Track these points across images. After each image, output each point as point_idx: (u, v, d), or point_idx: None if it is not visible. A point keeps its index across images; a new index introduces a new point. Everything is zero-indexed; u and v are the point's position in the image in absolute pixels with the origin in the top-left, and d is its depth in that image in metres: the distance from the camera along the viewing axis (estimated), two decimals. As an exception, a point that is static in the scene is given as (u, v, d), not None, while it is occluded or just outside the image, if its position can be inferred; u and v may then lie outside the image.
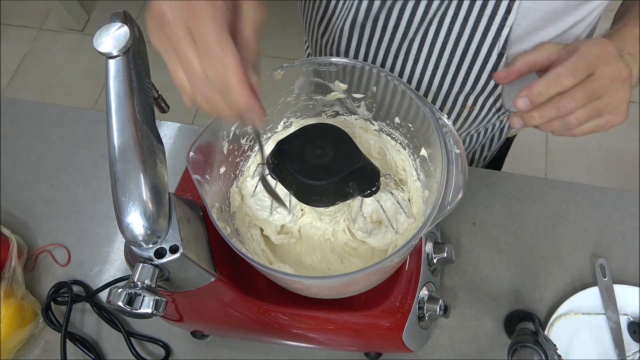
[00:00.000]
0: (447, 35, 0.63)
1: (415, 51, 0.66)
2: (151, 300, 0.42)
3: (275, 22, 2.21)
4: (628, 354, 0.67)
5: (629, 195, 0.78)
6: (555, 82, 0.51)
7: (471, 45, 0.63)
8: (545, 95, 0.52)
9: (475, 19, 0.60)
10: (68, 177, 0.84)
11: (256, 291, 0.58)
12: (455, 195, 0.46)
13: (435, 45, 0.64)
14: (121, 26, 0.46)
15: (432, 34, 0.63)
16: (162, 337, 0.71)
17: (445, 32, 0.63)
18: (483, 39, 0.62)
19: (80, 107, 0.93)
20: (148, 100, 0.48)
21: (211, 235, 0.53)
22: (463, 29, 0.62)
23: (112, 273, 0.76)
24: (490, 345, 0.69)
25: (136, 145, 0.44)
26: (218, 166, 0.55)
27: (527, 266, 0.73)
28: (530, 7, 0.58)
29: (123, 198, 0.43)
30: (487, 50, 0.63)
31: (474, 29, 0.61)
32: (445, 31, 0.62)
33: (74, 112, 0.90)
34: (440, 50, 0.65)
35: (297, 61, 0.54)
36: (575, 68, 0.51)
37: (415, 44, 0.65)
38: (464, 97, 0.70)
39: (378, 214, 0.56)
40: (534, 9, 0.58)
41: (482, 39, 0.62)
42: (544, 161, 1.79)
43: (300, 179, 0.46)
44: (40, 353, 0.72)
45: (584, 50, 0.53)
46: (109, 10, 0.52)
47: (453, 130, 0.49)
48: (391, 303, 0.57)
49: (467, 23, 0.61)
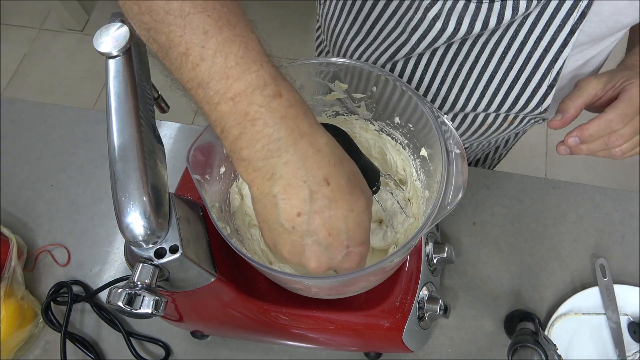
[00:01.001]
0: (498, 63, 0.62)
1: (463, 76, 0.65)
2: (151, 300, 0.42)
3: (275, 22, 2.21)
4: (628, 354, 0.67)
5: (629, 195, 0.78)
6: (606, 127, 0.55)
7: (522, 75, 0.62)
8: (596, 137, 0.56)
9: (529, 51, 0.59)
10: (68, 177, 0.84)
11: (256, 291, 0.58)
12: (455, 195, 0.46)
13: (485, 72, 0.63)
14: (121, 26, 0.46)
15: (483, 60, 0.62)
16: (162, 337, 0.71)
17: (497, 60, 0.61)
18: (535, 70, 0.61)
19: (80, 107, 0.93)
20: (148, 100, 0.48)
21: (211, 235, 0.53)
22: (515, 59, 0.61)
23: (112, 273, 0.76)
24: (490, 345, 0.69)
25: (136, 145, 0.44)
26: (218, 166, 0.55)
27: (527, 266, 0.73)
28: (584, 40, 0.58)
29: (123, 198, 0.43)
30: (537, 82, 0.62)
31: (525, 61, 0.60)
32: (498, 59, 0.61)
33: (74, 112, 0.90)
34: (489, 76, 0.64)
35: (297, 61, 0.54)
36: (625, 114, 0.55)
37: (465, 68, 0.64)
38: (505, 114, 0.70)
39: (378, 214, 0.56)
40: (587, 40, 0.59)
41: (533, 70, 0.61)
42: (544, 161, 1.79)
43: (300, 179, 0.46)
44: (40, 353, 0.72)
45: (632, 94, 0.56)
46: (109, 10, 0.52)
47: (453, 130, 0.49)
48: (391, 303, 0.57)
49: (520, 54, 0.60)
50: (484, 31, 0.57)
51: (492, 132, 0.75)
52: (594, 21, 0.56)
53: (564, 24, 0.56)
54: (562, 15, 0.56)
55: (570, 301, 0.69)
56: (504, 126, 0.73)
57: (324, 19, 0.75)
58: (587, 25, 0.56)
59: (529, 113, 0.68)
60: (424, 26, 0.59)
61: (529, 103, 0.65)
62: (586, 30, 0.57)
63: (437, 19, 0.57)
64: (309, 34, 2.16)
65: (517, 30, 0.58)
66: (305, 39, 2.15)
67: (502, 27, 0.58)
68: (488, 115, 0.70)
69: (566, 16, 0.55)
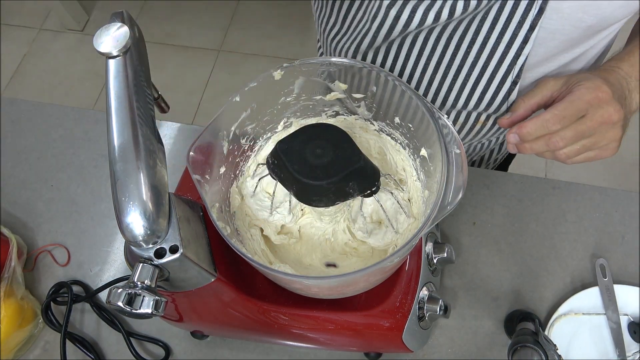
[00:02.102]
0: (463, 58, 0.63)
1: (431, 71, 0.67)
2: (151, 300, 0.42)
3: (275, 22, 2.21)
4: (628, 354, 0.67)
5: (629, 195, 0.78)
6: (542, 127, 0.54)
7: (486, 70, 0.64)
8: (534, 135, 0.55)
9: (492, 46, 0.61)
10: (68, 177, 0.84)
11: (256, 291, 0.58)
12: (455, 195, 0.46)
13: (452, 66, 0.65)
14: (121, 26, 0.46)
15: (449, 55, 0.64)
16: (162, 337, 0.71)
17: (462, 55, 0.63)
18: (498, 66, 0.62)
19: (80, 107, 0.93)
20: (148, 100, 0.48)
21: (211, 235, 0.53)
22: (480, 54, 0.62)
23: (112, 273, 0.76)
24: (490, 345, 0.69)
25: (136, 145, 0.44)
26: (218, 166, 0.55)
27: (527, 266, 0.73)
28: (547, 37, 0.59)
29: (123, 198, 0.43)
30: (501, 78, 0.64)
31: (489, 56, 0.62)
32: (463, 54, 0.63)
33: (74, 112, 0.90)
34: (455, 71, 0.65)
35: (297, 61, 0.54)
36: (562, 115, 0.54)
37: (432, 63, 0.66)
38: (477, 114, 0.71)
39: (378, 214, 0.56)
40: (550, 38, 0.59)
41: (497, 65, 0.63)
42: (544, 161, 1.79)
43: (300, 179, 0.46)
44: (40, 353, 0.72)
45: (575, 96, 0.54)
46: (109, 10, 0.52)
47: (453, 130, 0.49)
48: (391, 303, 0.57)
49: (484, 48, 0.62)
50: (437, 23, 0.58)
51: (466, 134, 0.76)
52: (554, 18, 0.57)
53: (523, 20, 0.57)
54: (522, 11, 0.57)
55: (570, 301, 0.69)
56: (476, 127, 0.74)
57: (317, 16, 0.77)
58: (548, 22, 0.57)
59: (495, 112, 0.69)
60: (381, 14, 0.60)
61: (494, 99, 0.66)
62: (548, 27, 0.58)
63: (392, 6, 0.59)
64: (309, 34, 2.16)
65: (480, 25, 0.59)
66: (305, 39, 2.15)
67: (466, 22, 0.60)
68: (459, 113, 0.72)
69: (525, 12, 0.56)
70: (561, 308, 0.69)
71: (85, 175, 0.84)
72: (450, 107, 0.71)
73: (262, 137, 0.61)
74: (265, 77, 0.54)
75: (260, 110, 0.57)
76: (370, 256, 0.57)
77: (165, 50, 2.14)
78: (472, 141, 0.81)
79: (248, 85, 0.53)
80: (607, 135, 0.56)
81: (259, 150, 0.61)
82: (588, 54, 0.65)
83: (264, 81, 0.54)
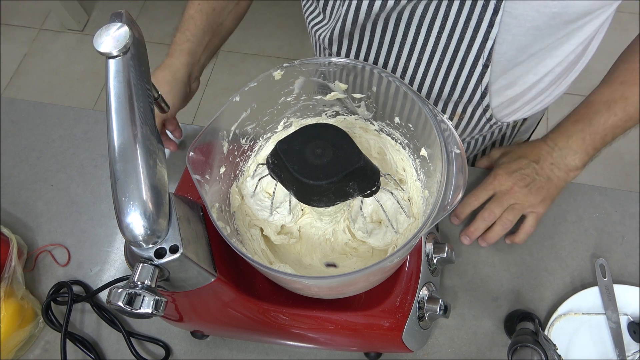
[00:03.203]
0: (435, 43, 0.65)
1: (404, 57, 0.68)
2: (151, 300, 0.42)
3: (275, 22, 2.21)
4: (628, 354, 0.67)
5: (629, 195, 0.78)
6: (481, 219, 0.72)
7: (458, 54, 0.65)
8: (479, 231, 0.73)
9: (461, 31, 0.62)
10: (68, 177, 0.84)
11: (256, 291, 0.58)
12: (455, 195, 0.46)
13: (425, 52, 0.66)
14: (121, 26, 0.46)
15: (421, 40, 0.65)
16: (162, 337, 0.71)
17: (434, 40, 0.65)
18: (469, 50, 0.64)
19: (80, 107, 0.93)
20: (148, 100, 0.48)
21: (211, 235, 0.53)
22: (450, 39, 0.64)
23: (112, 273, 0.76)
24: (490, 345, 0.69)
25: (136, 145, 0.44)
26: (218, 166, 0.55)
27: (527, 266, 0.73)
28: (512, 22, 0.59)
29: (123, 198, 0.43)
30: (472, 61, 0.65)
31: (459, 40, 0.63)
32: (434, 39, 0.64)
33: (74, 112, 0.90)
34: (429, 57, 0.67)
35: (297, 61, 0.54)
36: (477, 195, 0.73)
37: (405, 49, 0.67)
38: (453, 104, 0.72)
39: (378, 214, 0.56)
40: (516, 24, 0.59)
41: (467, 49, 0.64)
42: (544, 161, 1.78)
43: (300, 179, 0.46)
44: (40, 353, 0.72)
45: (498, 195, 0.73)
46: (109, 10, 0.52)
47: (453, 130, 0.49)
48: (391, 303, 0.57)
49: (454, 33, 0.63)
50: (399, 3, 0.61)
51: None
52: (517, 2, 0.57)
53: (487, 3, 0.58)
54: None
55: (570, 301, 0.69)
56: (454, 120, 0.76)
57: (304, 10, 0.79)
58: (511, 5, 0.57)
59: (470, 101, 0.71)
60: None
61: (468, 83, 0.68)
62: (512, 12, 0.58)
63: None
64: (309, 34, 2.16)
65: (448, 9, 0.61)
66: (305, 39, 2.15)
67: (433, 6, 0.61)
68: (436, 104, 0.73)
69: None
70: (561, 308, 0.69)
71: (85, 175, 0.84)
72: (426, 95, 0.71)
73: (262, 137, 0.61)
74: (265, 77, 0.54)
75: (260, 110, 0.57)
76: (370, 256, 0.57)
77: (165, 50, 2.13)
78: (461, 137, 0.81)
79: (248, 85, 0.53)
80: (527, 199, 0.71)
81: (259, 150, 0.61)
82: (564, 49, 0.65)
83: (264, 81, 0.54)
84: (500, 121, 0.77)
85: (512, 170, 0.72)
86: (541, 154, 0.73)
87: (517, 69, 0.66)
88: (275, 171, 0.50)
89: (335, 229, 0.58)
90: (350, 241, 0.58)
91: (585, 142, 0.70)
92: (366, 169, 0.48)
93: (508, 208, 0.72)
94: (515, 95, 0.71)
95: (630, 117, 0.68)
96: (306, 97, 0.59)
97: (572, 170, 0.72)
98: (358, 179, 0.48)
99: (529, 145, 0.75)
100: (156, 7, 2.28)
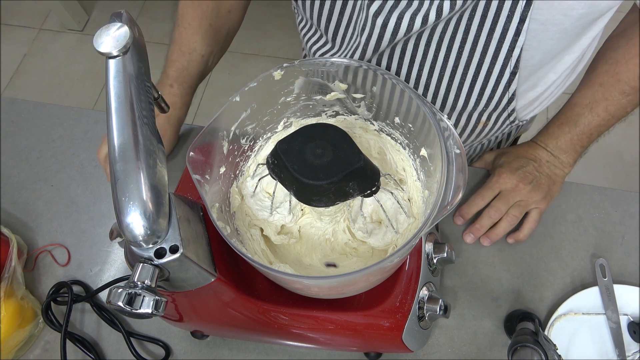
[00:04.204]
0: (457, 58, 0.64)
1: (426, 75, 0.68)
2: (151, 300, 0.42)
3: (275, 22, 2.21)
4: (628, 354, 0.67)
5: (629, 195, 0.78)
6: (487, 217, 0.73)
7: (482, 66, 0.65)
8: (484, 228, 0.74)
9: (484, 43, 0.62)
10: (68, 177, 0.84)
11: (256, 291, 0.58)
12: (455, 195, 0.46)
13: (446, 68, 0.66)
14: (121, 26, 0.46)
15: (442, 57, 0.65)
16: (162, 337, 0.71)
17: (455, 55, 0.64)
18: (494, 60, 0.63)
19: (80, 107, 0.93)
20: (148, 100, 0.48)
21: (211, 235, 0.53)
22: (473, 52, 0.63)
23: (112, 273, 0.76)
24: (490, 345, 0.69)
25: (136, 145, 0.44)
26: (218, 166, 0.55)
27: (527, 266, 0.73)
28: (539, 29, 0.59)
29: (123, 198, 0.43)
30: (499, 71, 0.65)
31: (483, 52, 0.63)
32: (456, 54, 0.64)
33: (74, 112, 0.90)
34: (451, 72, 0.66)
35: (297, 61, 0.54)
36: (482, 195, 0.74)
37: (426, 68, 0.67)
38: (478, 114, 0.72)
39: (378, 214, 0.56)
40: (543, 29, 0.59)
41: (492, 60, 0.64)
42: (544, 161, 1.78)
43: (300, 179, 0.46)
44: (40, 353, 0.72)
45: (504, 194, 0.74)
46: (109, 10, 0.52)
47: (453, 130, 0.49)
48: (391, 303, 0.57)
49: (476, 46, 0.62)
50: (424, 27, 0.59)
51: (467, 136, 0.77)
52: (543, 8, 0.57)
53: (512, 13, 0.58)
54: (509, 5, 0.57)
55: (570, 301, 0.69)
56: (478, 128, 0.76)
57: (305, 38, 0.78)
58: (538, 12, 0.57)
59: (495, 108, 0.71)
60: (369, 24, 0.61)
61: (494, 93, 0.68)
62: (539, 18, 0.58)
63: (378, 15, 0.60)
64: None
65: (469, 23, 0.60)
66: (305, 39, 2.15)
67: (454, 22, 0.60)
68: (460, 116, 0.73)
69: (513, 5, 0.57)
70: (561, 308, 0.69)
71: (85, 175, 0.84)
72: (450, 109, 0.71)
73: (262, 137, 0.61)
74: (265, 77, 0.54)
75: (260, 110, 0.57)
76: (370, 256, 0.57)
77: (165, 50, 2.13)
78: (473, 142, 0.82)
79: (248, 85, 0.53)
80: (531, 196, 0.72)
81: (259, 150, 0.61)
82: (581, 43, 0.65)
83: (264, 81, 0.54)
84: (520, 120, 0.78)
85: (515, 168, 0.74)
86: (537, 153, 0.75)
87: (541, 70, 0.67)
88: (275, 171, 0.50)
89: (335, 229, 0.58)
90: (350, 241, 0.58)
91: (573, 142, 0.74)
92: (366, 169, 0.48)
93: (513, 205, 0.73)
94: (537, 96, 0.72)
95: (613, 115, 0.71)
96: (306, 97, 0.59)
97: (566, 167, 0.75)
98: (358, 179, 0.48)
99: (523, 146, 0.77)
100: (156, 7, 2.28)
